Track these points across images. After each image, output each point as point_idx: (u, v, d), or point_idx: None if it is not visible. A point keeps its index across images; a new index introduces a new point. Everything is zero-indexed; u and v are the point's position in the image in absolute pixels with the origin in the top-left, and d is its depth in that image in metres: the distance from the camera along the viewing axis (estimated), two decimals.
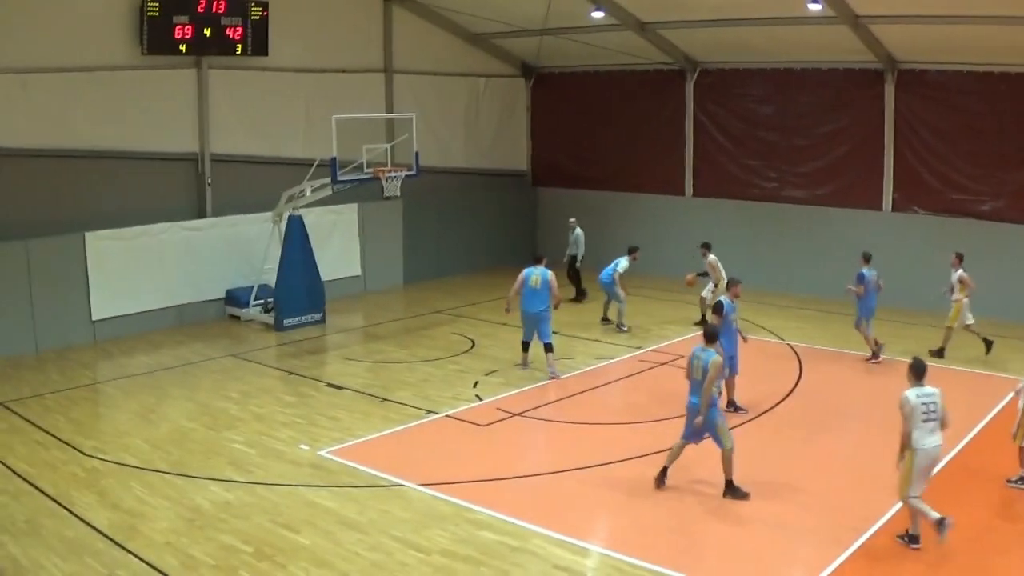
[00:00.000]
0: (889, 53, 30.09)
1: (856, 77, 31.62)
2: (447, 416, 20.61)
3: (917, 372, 14.44)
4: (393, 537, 14.65)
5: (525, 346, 24.17)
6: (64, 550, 14.20)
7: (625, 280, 28.02)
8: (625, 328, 27.79)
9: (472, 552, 14.13)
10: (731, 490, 16.24)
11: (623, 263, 28.26)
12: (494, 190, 38.58)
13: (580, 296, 31.76)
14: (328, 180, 26.87)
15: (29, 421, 20.24)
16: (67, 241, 26.38)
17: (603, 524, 15.86)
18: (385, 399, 21.78)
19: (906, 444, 14.23)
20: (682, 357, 24.38)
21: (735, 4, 29.08)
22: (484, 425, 20.05)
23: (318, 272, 29.03)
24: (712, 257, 28.15)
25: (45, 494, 16.34)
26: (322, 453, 18.34)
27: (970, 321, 25.08)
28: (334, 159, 26.10)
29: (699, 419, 16.17)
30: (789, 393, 22.12)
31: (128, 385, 23.12)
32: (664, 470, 16.71)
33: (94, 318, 27.00)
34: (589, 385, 22.15)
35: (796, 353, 25.63)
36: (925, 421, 14.26)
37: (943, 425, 14.46)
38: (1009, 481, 16.79)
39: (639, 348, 25.85)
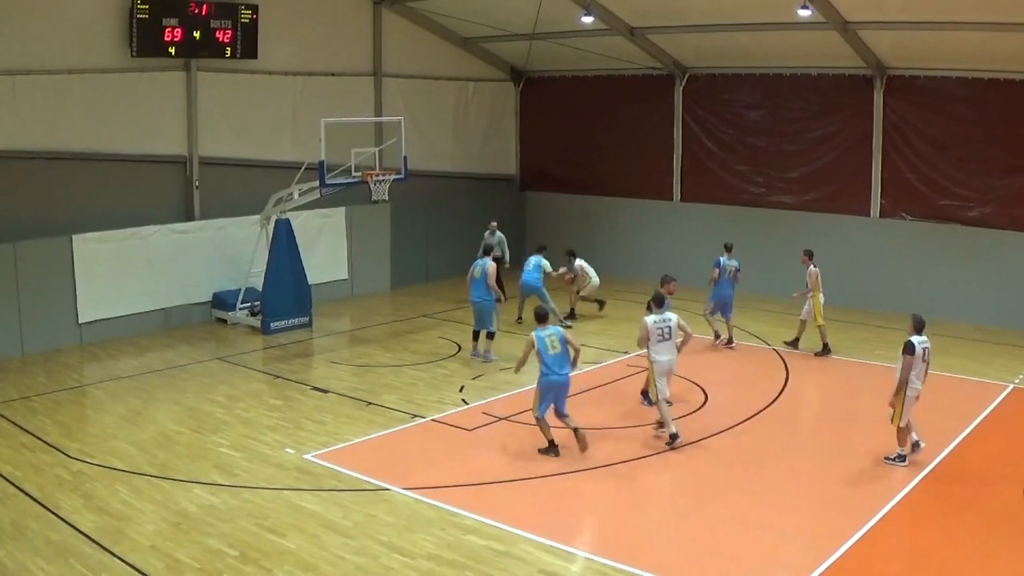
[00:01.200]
0: (878, 59, 30.14)
1: (845, 83, 31.67)
2: (433, 420, 20.61)
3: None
4: (378, 541, 14.64)
5: (475, 335, 25.56)
6: (50, 553, 14.17)
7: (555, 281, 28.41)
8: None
9: (457, 557, 14.12)
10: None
11: (545, 262, 28.83)
12: (482, 194, 38.56)
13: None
14: (316, 183, 26.86)
15: (15, 423, 20.19)
16: (54, 243, 26.32)
17: (589, 529, 15.90)
18: (371, 403, 21.77)
19: (647, 356, 19.43)
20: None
21: (724, 9, 29.14)
22: (470, 429, 20.07)
23: (305, 275, 29.00)
24: (579, 263, 29.34)
25: (31, 497, 16.31)
26: (308, 457, 18.33)
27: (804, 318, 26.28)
28: (322, 162, 26.10)
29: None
30: (776, 398, 22.13)
31: (114, 388, 23.07)
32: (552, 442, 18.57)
33: (81, 321, 26.95)
34: (575, 389, 22.09)
35: (783, 358, 25.65)
36: (660, 341, 19.28)
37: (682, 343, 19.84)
38: (886, 458, 17.78)
39: (626, 353, 25.85)
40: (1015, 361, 25.29)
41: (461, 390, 22.76)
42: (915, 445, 17.90)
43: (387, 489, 16.77)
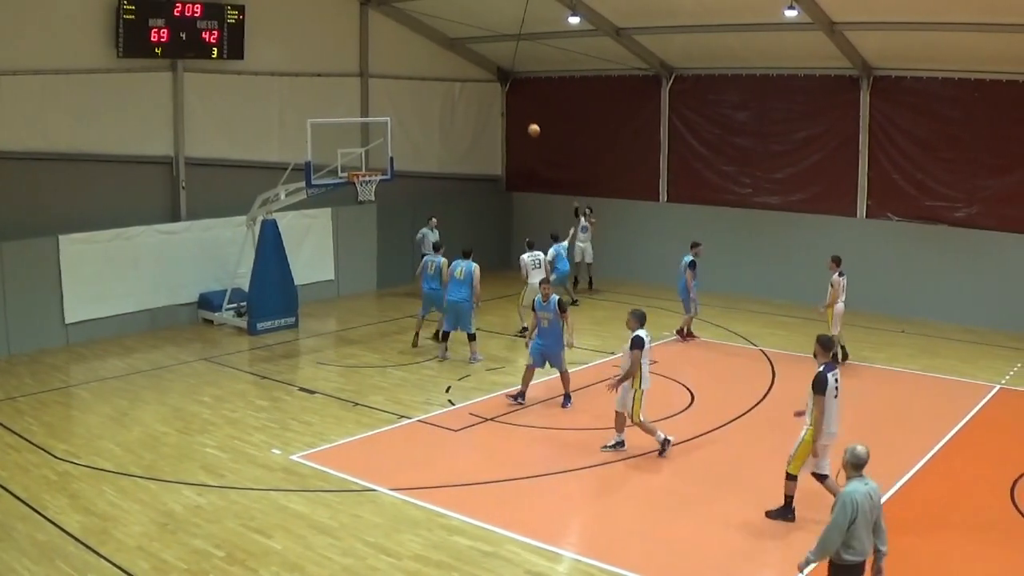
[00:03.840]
0: (864, 60, 30.21)
1: (832, 83, 31.74)
2: (419, 421, 20.62)
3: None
4: (365, 542, 14.65)
5: (446, 336, 25.74)
6: (36, 554, 14.15)
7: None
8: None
9: (444, 557, 14.13)
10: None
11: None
12: (469, 195, 38.58)
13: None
14: (302, 184, 26.86)
15: (1, 424, 20.15)
16: (40, 244, 26.28)
17: (576, 529, 15.90)
18: (357, 403, 21.77)
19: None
20: (655, 362, 24.50)
21: (711, 10, 29.17)
22: (456, 430, 20.06)
23: (291, 276, 28.99)
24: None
25: (17, 497, 16.28)
26: (294, 457, 18.33)
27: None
28: (308, 163, 26.09)
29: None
30: (762, 399, 22.16)
31: (101, 389, 23.03)
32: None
33: (67, 321, 26.90)
34: (561, 390, 22.14)
35: (769, 359, 25.69)
36: (534, 269, 26.47)
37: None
38: (603, 447, 18.68)
39: (612, 353, 25.84)
40: (1001, 362, 25.36)
41: (447, 391, 22.75)
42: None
43: (374, 490, 16.77)
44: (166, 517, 15.54)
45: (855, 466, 11.10)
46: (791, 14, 26.34)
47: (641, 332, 18.24)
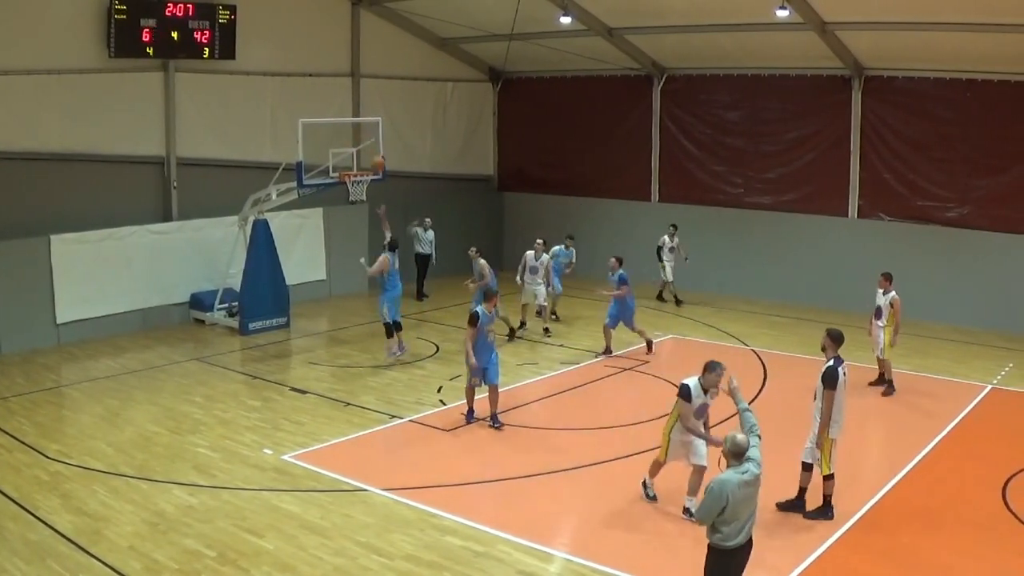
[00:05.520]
0: (856, 59, 30.25)
1: (823, 83, 31.79)
2: (411, 421, 20.62)
3: None
4: (356, 542, 14.64)
5: (399, 326, 25.43)
6: (27, 553, 14.13)
7: None
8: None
9: (436, 557, 14.13)
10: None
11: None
12: (460, 195, 38.57)
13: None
14: (294, 184, 26.84)
15: None
16: (32, 244, 26.25)
17: (568, 529, 15.88)
18: (349, 404, 21.77)
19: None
20: (647, 362, 24.59)
21: (703, 10, 29.19)
22: (448, 430, 20.06)
23: (283, 276, 29.00)
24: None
25: (8, 497, 16.26)
26: (286, 457, 18.32)
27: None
28: (300, 163, 26.07)
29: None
30: (753, 399, 22.17)
31: (92, 389, 23.01)
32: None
33: (59, 321, 26.88)
34: (553, 390, 22.15)
35: (761, 359, 25.71)
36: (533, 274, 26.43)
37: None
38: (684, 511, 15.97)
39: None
40: (993, 362, 25.41)
41: (439, 391, 22.75)
42: None
43: (365, 490, 16.77)
44: (158, 517, 15.52)
45: (735, 455, 11.16)
46: (782, 14, 26.36)
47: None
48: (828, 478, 15.63)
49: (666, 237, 31.45)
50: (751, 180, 33.76)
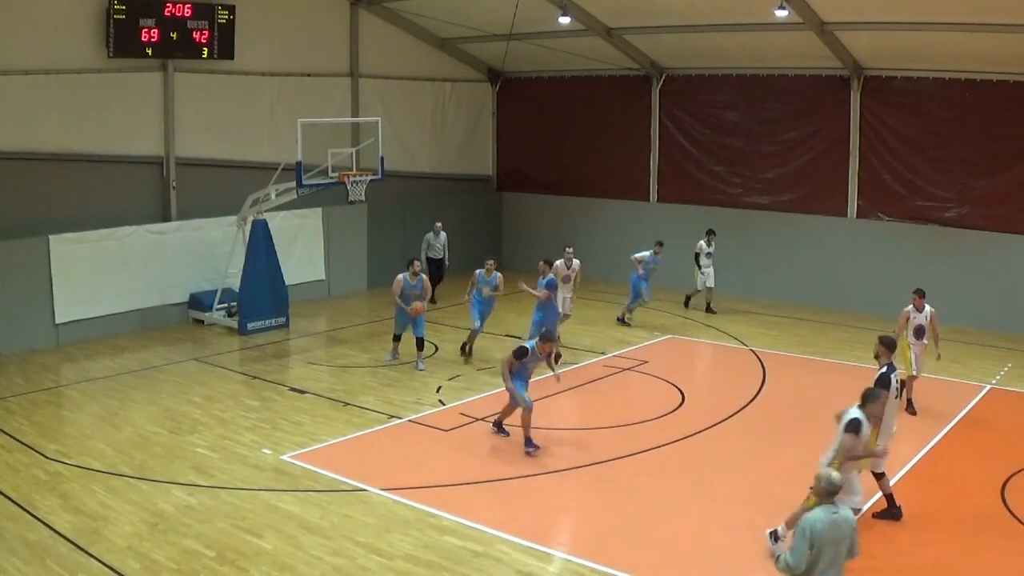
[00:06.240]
0: (855, 60, 30.24)
1: (822, 83, 31.77)
2: (410, 421, 20.61)
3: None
4: (355, 542, 14.64)
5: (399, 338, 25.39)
6: (26, 553, 14.13)
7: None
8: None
9: (434, 558, 14.12)
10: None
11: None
12: (459, 195, 38.52)
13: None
14: (293, 184, 26.86)
15: None
16: (31, 244, 26.22)
17: (566, 529, 15.91)
18: (348, 404, 21.76)
19: None
20: (646, 363, 24.57)
21: (702, 10, 29.17)
22: (447, 430, 20.05)
23: (282, 276, 28.96)
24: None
25: (7, 497, 16.24)
26: (285, 457, 18.30)
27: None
28: (299, 163, 26.09)
29: None
30: (752, 399, 22.18)
31: (91, 389, 22.99)
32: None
33: (57, 321, 26.85)
34: (553, 390, 22.16)
35: (760, 359, 25.70)
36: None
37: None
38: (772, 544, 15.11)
39: (603, 353, 25.87)
40: (992, 362, 25.44)
41: (438, 391, 22.74)
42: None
43: (364, 490, 16.77)
44: (156, 517, 15.52)
45: (828, 493, 10.52)
46: (781, 14, 26.35)
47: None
48: (879, 476, 15.52)
49: (703, 243, 30.68)
50: (750, 180, 33.74)
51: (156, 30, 27.90)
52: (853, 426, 14.07)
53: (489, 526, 15.20)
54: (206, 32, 28.99)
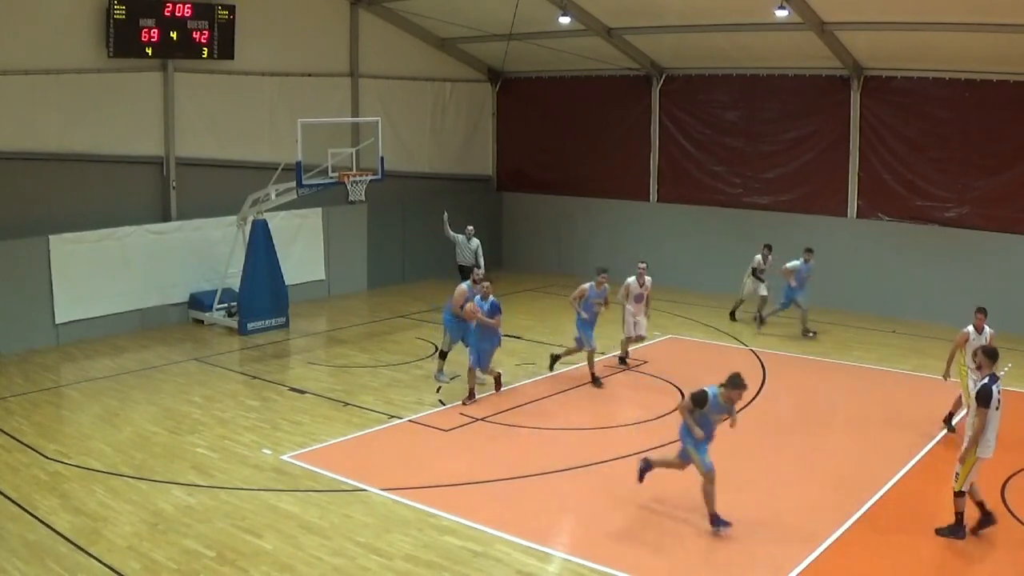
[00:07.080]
0: (855, 59, 30.24)
1: (822, 83, 31.77)
2: (410, 421, 20.62)
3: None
4: (355, 542, 14.64)
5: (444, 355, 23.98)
6: (26, 554, 14.13)
7: None
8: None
9: (434, 558, 14.12)
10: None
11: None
12: (459, 195, 38.46)
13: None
14: (293, 184, 26.87)
15: None
16: (31, 244, 26.25)
17: (566, 529, 15.89)
18: (348, 404, 21.77)
19: None
20: (645, 363, 24.56)
21: (701, 10, 29.18)
22: (447, 430, 20.06)
23: (282, 276, 28.97)
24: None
25: (7, 497, 16.25)
26: (285, 457, 18.31)
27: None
28: (299, 163, 26.11)
29: None
30: (752, 399, 22.14)
31: (91, 389, 23.00)
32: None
33: (57, 321, 26.87)
34: (552, 390, 22.13)
35: (760, 359, 25.69)
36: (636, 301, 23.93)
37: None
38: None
39: (602, 354, 25.82)
40: None
41: (438, 391, 22.73)
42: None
43: (364, 490, 16.77)
44: (156, 517, 15.52)
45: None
46: (781, 14, 26.35)
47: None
48: (959, 495, 15.02)
49: (759, 257, 29.97)
50: (750, 180, 33.74)
51: (156, 30, 27.91)
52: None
53: (489, 526, 15.20)
54: (206, 32, 29.00)
